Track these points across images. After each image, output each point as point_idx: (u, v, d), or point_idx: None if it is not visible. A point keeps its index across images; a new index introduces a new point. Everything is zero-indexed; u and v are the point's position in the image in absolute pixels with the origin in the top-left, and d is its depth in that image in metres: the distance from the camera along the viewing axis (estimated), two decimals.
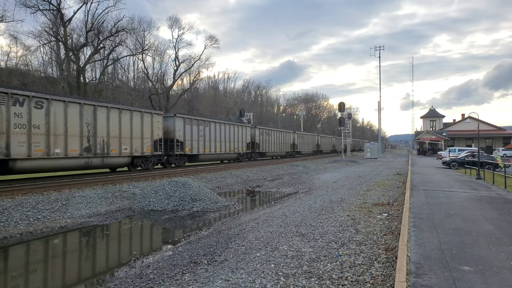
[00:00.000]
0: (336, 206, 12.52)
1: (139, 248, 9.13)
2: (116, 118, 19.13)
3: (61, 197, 12.91)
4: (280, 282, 5.63)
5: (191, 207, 13.31)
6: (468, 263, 5.75)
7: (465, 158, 29.43)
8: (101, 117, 18.21)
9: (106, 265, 8.10)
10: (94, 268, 7.90)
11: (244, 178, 23.72)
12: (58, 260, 8.39)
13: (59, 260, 8.39)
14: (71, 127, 16.59)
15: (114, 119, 18.97)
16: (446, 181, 19.10)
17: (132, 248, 9.04)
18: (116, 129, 19.09)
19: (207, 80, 73.70)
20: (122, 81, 54.29)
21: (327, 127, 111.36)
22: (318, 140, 63.47)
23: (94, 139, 17.72)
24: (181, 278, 6.18)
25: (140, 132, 20.81)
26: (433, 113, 77.68)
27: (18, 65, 37.65)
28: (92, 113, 17.72)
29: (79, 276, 7.36)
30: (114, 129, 18.99)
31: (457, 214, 9.75)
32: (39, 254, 8.83)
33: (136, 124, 20.51)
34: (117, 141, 19.10)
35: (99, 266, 8.05)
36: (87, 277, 7.27)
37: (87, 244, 9.44)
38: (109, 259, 8.64)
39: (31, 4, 36.10)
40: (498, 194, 14.15)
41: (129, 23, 45.52)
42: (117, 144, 19.11)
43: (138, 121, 20.70)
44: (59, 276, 7.48)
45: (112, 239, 10.12)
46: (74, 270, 7.76)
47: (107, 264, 8.18)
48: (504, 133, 62.53)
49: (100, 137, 18.09)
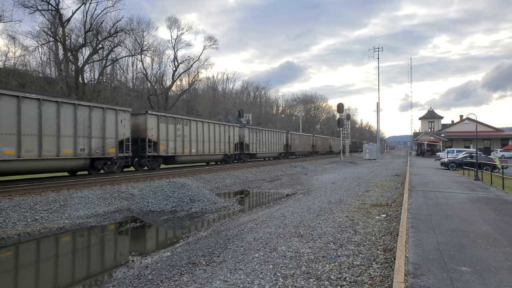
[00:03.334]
0: (334, 207, 12.53)
1: (137, 249, 9.12)
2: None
3: (59, 197, 12.89)
4: (279, 283, 5.63)
5: (189, 208, 13.31)
6: (466, 264, 5.77)
7: (463, 159, 29.54)
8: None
9: (104, 266, 8.09)
10: (92, 269, 7.89)
11: (242, 179, 23.72)
12: (56, 261, 8.38)
13: (57, 261, 8.38)
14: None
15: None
16: (444, 182, 19.14)
17: (131, 249, 9.02)
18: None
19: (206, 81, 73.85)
20: (121, 81, 54.22)
21: (326, 128, 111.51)
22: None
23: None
24: (179, 279, 6.17)
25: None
26: (432, 114, 77.88)
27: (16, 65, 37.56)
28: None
29: (77, 277, 7.35)
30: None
31: (455, 215, 9.77)
32: (37, 255, 8.81)
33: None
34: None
35: (97, 267, 8.04)
36: (85, 277, 7.25)
37: (85, 245, 9.42)
38: (107, 260, 8.63)
39: (30, 4, 36.02)
40: (496, 195, 14.19)
41: (128, 24, 45.54)
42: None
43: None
44: (57, 277, 7.46)
45: (110, 240, 10.11)
46: (72, 271, 7.74)
47: (105, 265, 8.16)
48: (502, 134, 62.75)
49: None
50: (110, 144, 18.95)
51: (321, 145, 67.62)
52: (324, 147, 70.48)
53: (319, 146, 65.68)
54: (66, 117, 16.50)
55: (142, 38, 50.17)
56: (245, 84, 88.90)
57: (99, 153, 18.34)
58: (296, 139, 52.27)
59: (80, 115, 17.18)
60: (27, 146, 14.71)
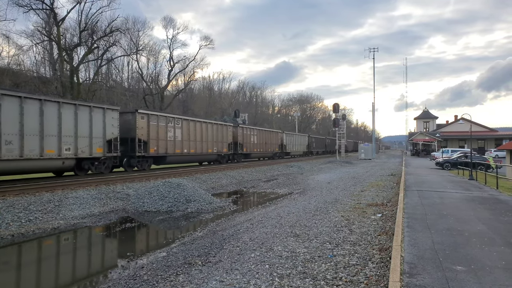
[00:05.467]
0: (330, 206, 12.55)
1: (132, 249, 9.07)
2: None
3: (54, 198, 12.80)
4: (275, 282, 5.63)
5: (185, 208, 13.27)
6: (461, 263, 5.80)
7: (458, 159, 29.74)
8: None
9: (100, 267, 8.04)
10: (87, 269, 7.84)
11: (238, 179, 23.70)
12: (51, 262, 8.32)
13: (51, 262, 8.32)
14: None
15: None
16: (439, 182, 19.25)
17: (126, 250, 8.97)
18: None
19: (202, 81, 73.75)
20: (116, 81, 53.99)
21: (322, 128, 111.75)
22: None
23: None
24: (175, 279, 6.15)
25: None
26: (427, 115, 78.30)
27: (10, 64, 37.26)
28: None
29: (71, 277, 7.29)
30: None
31: (450, 215, 9.82)
32: (30, 255, 8.74)
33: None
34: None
35: (92, 268, 7.99)
36: (80, 278, 7.21)
37: (80, 245, 9.36)
38: (102, 260, 8.58)
39: (24, 3, 35.73)
40: (490, 194, 14.30)
41: (123, 23, 45.33)
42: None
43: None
44: (51, 277, 7.40)
45: (105, 240, 10.06)
46: (67, 271, 7.69)
47: (100, 266, 8.12)
48: (496, 134, 63.24)
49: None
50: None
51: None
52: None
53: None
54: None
55: (138, 37, 49.98)
56: (241, 84, 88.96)
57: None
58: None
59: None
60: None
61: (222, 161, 32.31)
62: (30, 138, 15.04)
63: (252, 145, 38.06)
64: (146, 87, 53.76)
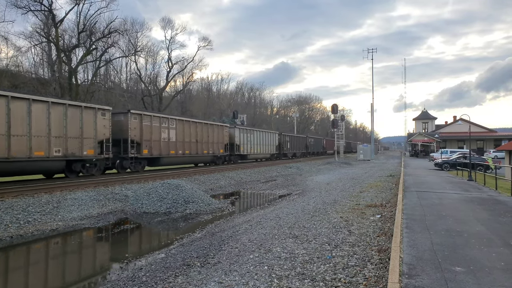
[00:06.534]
0: (329, 207, 12.55)
1: (131, 251, 9.05)
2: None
3: (52, 199, 12.77)
4: (274, 284, 5.62)
5: (184, 209, 13.25)
6: (460, 264, 5.80)
7: (457, 160, 29.77)
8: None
9: (98, 268, 8.02)
10: (85, 271, 7.81)
11: (237, 180, 23.69)
12: (49, 263, 8.29)
13: (50, 263, 8.29)
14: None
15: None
16: (438, 183, 19.27)
17: (124, 251, 8.95)
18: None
19: (200, 82, 73.63)
20: (115, 82, 53.94)
21: (320, 129, 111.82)
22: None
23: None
24: (174, 281, 6.13)
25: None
26: (426, 115, 78.45)
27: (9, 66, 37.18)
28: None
29: (70, 279, 7.27)
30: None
31: (449, 215, 9.83)
32: (29, 257, 8.71)
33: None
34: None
35: (91, 269, 7.97)
36: (78, 280, 7.18)
37: (79, 247, 9.33)
38: (101, 262, 8.56)
39: (22, 5, 35.72)
40: (489, 195, 14.31)
41: (121, 24, 45.31)
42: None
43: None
44: (50, 279, 7.37)
45: (104, 241, 10.04)
46: (66, 273, 7.66)
47: (99, 267, 8.10)
48: (495, 135, 63.34)
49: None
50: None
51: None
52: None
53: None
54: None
55: (136, 38, 49.96)
56: (239, 85, 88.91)
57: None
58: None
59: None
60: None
61: (218, 162, 31.85)
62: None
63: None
64: (144, 88, 53.73)
